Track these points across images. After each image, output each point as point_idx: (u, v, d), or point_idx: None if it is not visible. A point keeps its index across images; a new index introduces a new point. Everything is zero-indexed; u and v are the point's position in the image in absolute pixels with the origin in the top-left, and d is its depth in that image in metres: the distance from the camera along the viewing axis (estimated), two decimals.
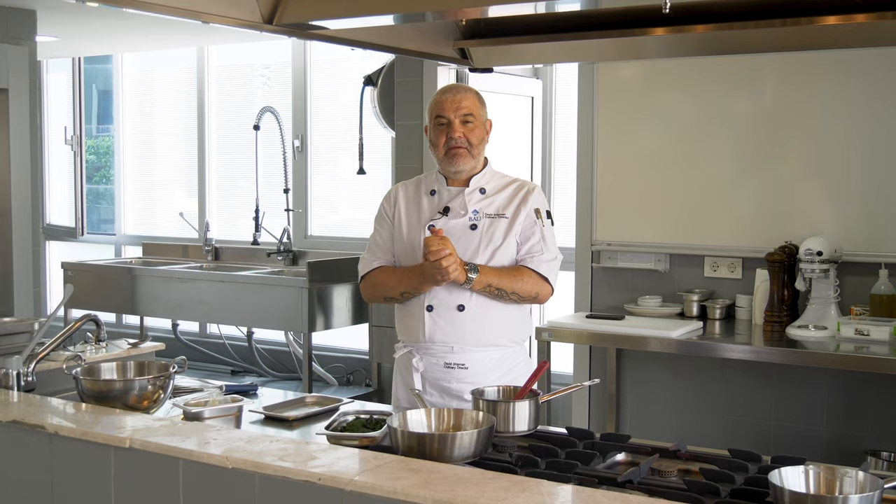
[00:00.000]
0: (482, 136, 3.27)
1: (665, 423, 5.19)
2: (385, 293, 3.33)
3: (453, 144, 3.21)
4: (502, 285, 3.16)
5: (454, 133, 3.20)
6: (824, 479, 2.03)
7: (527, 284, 3.20)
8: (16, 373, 2.90)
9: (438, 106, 3.25)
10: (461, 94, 3.25)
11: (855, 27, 2.92)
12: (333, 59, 7.23)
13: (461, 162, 3.23)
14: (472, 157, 3.24)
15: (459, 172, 3.27)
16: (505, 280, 3.17)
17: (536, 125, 6.12)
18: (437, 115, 3.24)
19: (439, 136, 3.24)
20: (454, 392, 3.22)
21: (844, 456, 4.59)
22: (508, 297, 3.19)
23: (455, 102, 3.22)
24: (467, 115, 3.22)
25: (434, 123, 3.26)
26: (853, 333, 4.28)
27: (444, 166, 3.28)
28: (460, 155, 3.22)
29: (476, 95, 3.29)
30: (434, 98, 3.30)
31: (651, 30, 3.19)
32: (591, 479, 2.27)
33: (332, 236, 7.17)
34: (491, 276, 3.14)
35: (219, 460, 2.15)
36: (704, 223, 5.04)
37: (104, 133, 8.90)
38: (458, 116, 3.21)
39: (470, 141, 3.22)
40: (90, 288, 6.85)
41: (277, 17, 2.74)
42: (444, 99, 3.25)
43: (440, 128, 3.24)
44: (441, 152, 3.24)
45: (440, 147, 3.24)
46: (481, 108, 3.28)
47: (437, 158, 3.28)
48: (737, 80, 4.93)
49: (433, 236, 3.07)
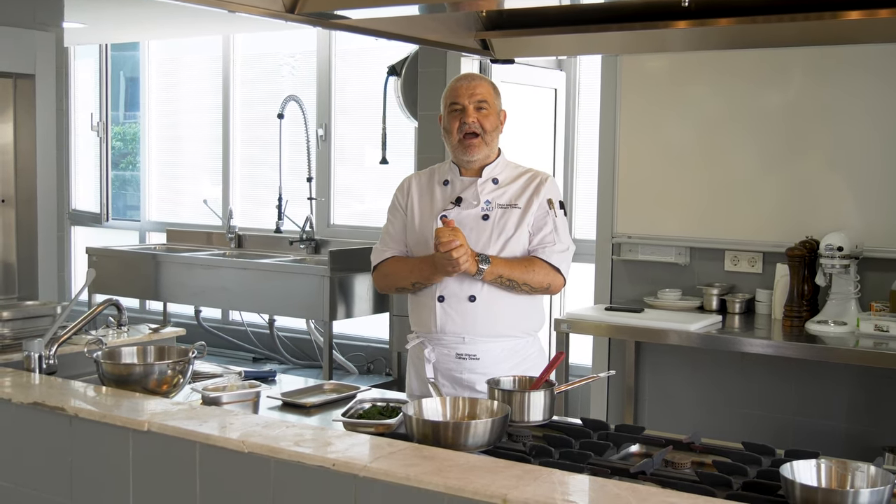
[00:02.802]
0: (496, 125, 3.27)
1: (683, 417, 5.19)
2: (397, 283, 3.36)
3: (467, 130, 3.21)
4: (514, 276, 3.16)
5: (468, 118, 3.21)
6: (836, 473, 2.03)
7: (538, 275, 3.20)
8: (38, 355, 2.94)
9: (453, 92, 3.26)
10: (476, 82, 3.26)
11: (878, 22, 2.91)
12: (358, 49, 7.24)
13: (475, 151, 3.24)
14: (485, 145, 3.24)
15: (472, 161, 3.27)
16: (517, 271, 3.17)
17: (559, 117, 6.12)
18: (451, 102, 3.26)
19: (453, 122, 3.25)
20: (466, 383, 3.22)
21: (863, 452, 4.58)
22: (520, 288, 3.19)
23: (470, 89, 3.24)
24: (481, 101, 3.23)
25: (448, 110, 3.27)
26: (873, 329, 4.27)
27: (458, 154, 3.28)
28: (474, 144, 3.22)
29: (491, 84, 3.30)
30: (449, 86, 3.31)
31: (673, 23, 3.18)
32: (604, 469, 2.28)
33: (354, 225, 7.20)
34: (502, 267, 3.14)
35: (235, 444, 2.17)
36: (725, 217, 5.03)
37: (130, 120, 8.96)
38: (472, 102, 3.22)
39: (484, 127, 3.22)
40: (114, 273, 6.91)
41: (300, 6, 2.76)
42: (458, 86, 3.26)
43: (454, 114, 3.24)
44: (455, 139, 3.25)
45: (454, 133, 3.24)
46: (496, 97, 3.29)
47: (451, 146, 3.29)
48: (760, 76, 4.91)
49: (444, 227, 3.07)
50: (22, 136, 6.19)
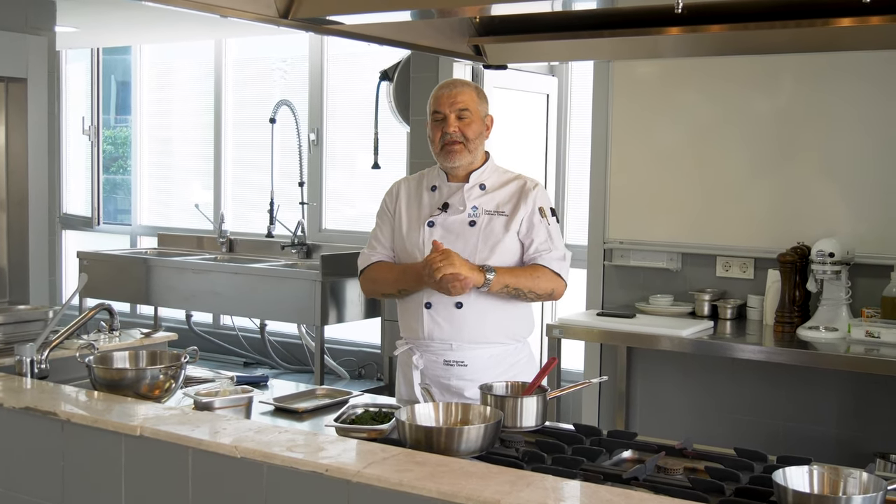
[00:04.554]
0: (479, 131, 3.25)
1: (674, 422, 5.20)
2: (383, 290, 3.38)
3: (448, 140, 3.20)
4: (519, 285, 3.16)
5: (448, 128, 3.19)
6: (828, 479, 2.04)
7: (542, 282, 3.20)
8: (29, 360, 2.93)
9: (435, 101, 3.24)
10: (457, 89, 3.23)
11: (869, 29, 2.92)
12: (350, 54, 7.25)
13: (456, 157, 3.22)
14: (468, 153, 3.22)
15: (456, 168, 3.26)
16: (522, 279, 3.16)
17: (551, 122, 6.13)
18: (433, 111, 3.24)
19: (435, 130, 3.24)
20: (454, 389, 3.21)
21: (854, 458, 4.59)
22: (526, 297, 3.19)
23: (451, 97, 3.21)
24: (463, 109, 3.20)
25: (431, 119, 3.26)
26: (864, 335, 4.27)
27: (441, 161, 3.28)
28: (455, 150, 3.21)
29: (474, 90, 3.27)
30: (432, 93, 3.29)
31: (665, 29, 3.20)
32: (596, 475, 2.28)
33: (346, 230, 7.19)
34: (508, 277, 3.13)
35: (228, 450, 2.17)
36: (717, 223, 5.05)
37: (122, 124, 8.95)
38: (453, 111, 3.20)
39: (466, 135, 3.20)
40: (105, 277, 6.90)
41: (293, 11, 2.77)
42: (440, 94, 3.24)
43: (436, 123, 3.23)
44: (437, 147, 3.24)
45: (436, 142, 3.24)
46: (479, 104, 3.26)
47: (434, 154, 3.28)
48: (752, 81, 4.92)
49: (435, 252, 3.06)
50: (13, 139, 6.17)
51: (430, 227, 3.23)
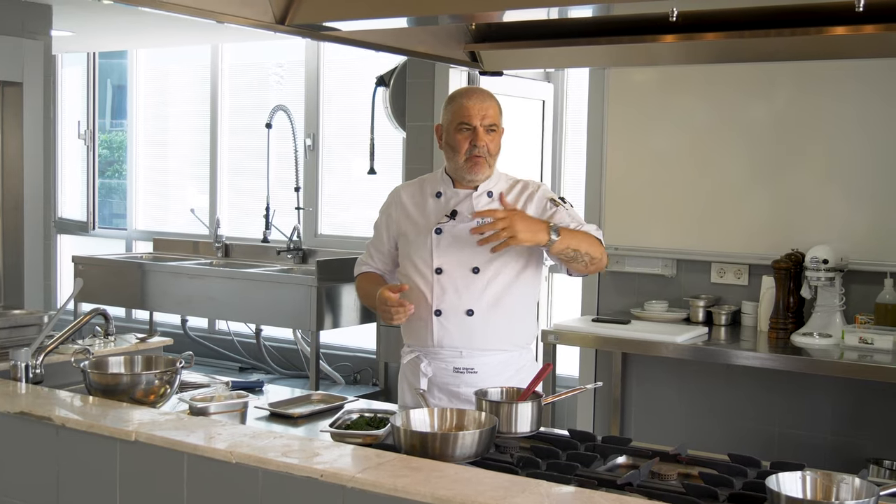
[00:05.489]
0: (500, 146, 3.21)
1: (669, 428, 5.20)
2: (365, 301, 3.41)
3: (476, 153, 3.14)
4: (580, 247, 3.07)
5: (479, 141, 3.12)
6: (821, 485, 2.04)
7: (595, 247, 3.11)
8: (24, 365, 2.92)
9: (465, 111, 3.14)
10: (487, 102, 3.16)
11: (863, 38, 2.93)
12: (346, 59, 7.25)
13: (480, 171, 3.16)
14: (488, 167, 3.18)
15: (477, 181, 3.20)
16: (583, 243, 3.07)
17: (547, 129, 6.14)
18: (461, 122, 3.14)
19: (462, 142, 3.14)
20: (463, 396, 3.16)
21: (847, 463, 4.60)
22: (581, 259, 3.09)
23: (482, 110, 3.13)
24: (492, 124, 3.15)
25: (457, 128, 3.15)
26: (857, 342, 4.29)
27: (462, 173, 3.19)
28: (480, 165, 3.15)
29: (498, 104, 3.21)
30: (459, 101, 3.18)
31: (661, 37, 3.20)
32: (590, 480, 2.28)
33: (341, 235, 7.19)
34: (570, 239, 3.04)
35: (223, 455, 2.17)
36: (712, 229, 5.06)
37: (117, 128, 8.94)
38: (483, 125, 3.13)
39: (490, 150, 3.15)
40: (101, 282, 6.89)
41: (290, 17, 2.77)
42: (470, 105, 3.14)
43: (464, 133, 3.14)
44: (462, 158, 3.15)
45: (461, 153, 3.15)
46: (500, 117, 3.20)
47: (456, 164, 3.19)
48: (747, 88, 4.94)
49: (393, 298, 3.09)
50: (9, 143, 6.18)
51: (437, 234, 3.19)
